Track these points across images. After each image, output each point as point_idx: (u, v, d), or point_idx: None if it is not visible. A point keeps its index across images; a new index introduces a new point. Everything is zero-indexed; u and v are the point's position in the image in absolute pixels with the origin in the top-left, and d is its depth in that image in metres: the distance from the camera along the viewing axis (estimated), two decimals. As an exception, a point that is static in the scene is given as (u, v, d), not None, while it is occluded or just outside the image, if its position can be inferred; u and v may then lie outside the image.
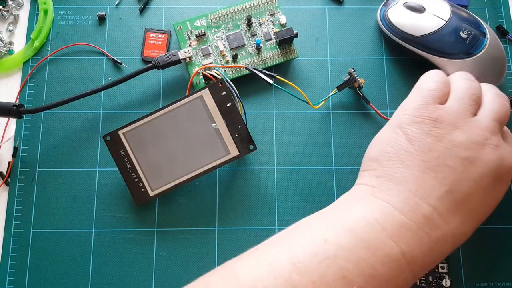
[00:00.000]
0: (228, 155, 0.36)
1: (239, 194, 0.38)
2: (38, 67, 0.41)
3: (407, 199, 0.26)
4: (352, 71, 0.39)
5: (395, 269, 0.24)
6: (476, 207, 0.27)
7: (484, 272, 0.37)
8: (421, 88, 0.31)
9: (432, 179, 0.27)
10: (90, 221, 0.37)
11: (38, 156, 0.39)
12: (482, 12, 0.43)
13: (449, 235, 0.26)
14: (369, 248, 0.24)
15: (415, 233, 0.25)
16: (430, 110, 0.29)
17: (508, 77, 0.42)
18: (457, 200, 0.27)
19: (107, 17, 0.42)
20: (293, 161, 0.39)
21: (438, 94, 0.30)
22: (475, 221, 0.28)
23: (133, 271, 0.36)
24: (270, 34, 0.40)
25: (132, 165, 0.36)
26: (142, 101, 0.40)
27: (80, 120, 0.40)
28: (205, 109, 0.36)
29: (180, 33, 0.40)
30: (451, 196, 0.26)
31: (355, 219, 0.26)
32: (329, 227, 0.26)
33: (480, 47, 0.37)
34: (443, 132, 0.28)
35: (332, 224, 0.26)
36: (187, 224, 0.37)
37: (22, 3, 0.43)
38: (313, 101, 0.38)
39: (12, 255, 0.36)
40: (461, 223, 0.27)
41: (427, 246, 0.25)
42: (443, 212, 0.26)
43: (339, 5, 0.43)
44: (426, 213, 0.26)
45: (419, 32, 0.38)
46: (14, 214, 0.37)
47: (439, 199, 0.26)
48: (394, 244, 0.24)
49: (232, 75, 0.39)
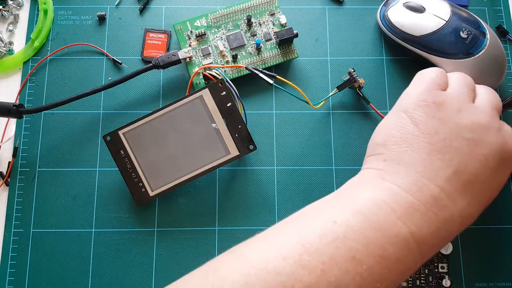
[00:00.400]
0: (228, 155, 0.36)
1: (239, 194, 0.38)
2: (38, 67, 0.41)
3: (415, 181, 0.26)
4: (352, 71, 0.39)
5: (404, 249, 0.24)
6: (482, 188, 0.28)
7: (484, 272, 0.37)
8: (423, 76, 0.32)
9: (439, 161, 0.27)
10: (90, 221, 0.37)
11: (38, 156, 0.39)
12: (482, 12, 0.43)
13: (457, 215, 0.26)
14: (378, 229, 0.24)
15: (423, 213, 0.25)
16: (433, 95, 0.29)
17: (508, 77, 0.42)
18: (464, 181, 0.27)
19: (107, 17, 0.42)
20: (293, 161, 0.39)
21: (439, 81, 0.31)
22: (482, 203, 0.28)
23: (133, 271, 0.36)
24: (270, 34, 0.40)
25: (132, 165, 0.36)
26: (142, 101, 0.40)
27: (80, 120, 0.40)
28: (205, 109, 0.36)
29: (180, 33, 0.40)
30: (458, 177, 0.27)
31: (363, 201, 0.26)
32: (338, 209, 0.26)
33: (480, 47, 0.37)
34: (447, 115, 0.28)
35: (340, 206, 0.26)
36: (187, 224, 0.37)
37: (22, 3, 0.43)
38: (313, 101, 0.38)
39: (12, 255, 0.36)
40: (469, 204, 0.27)
41: (435, 226, 0.25)
42: (451, 193, 0.26)
43: (339, 5, 0.43)
44: (434, 194, 0.26)
45: (419, 32, 0.38)
46: (14, 214, 0.37)
47: (446, 180, 0.26)
48: (403, 225, 0.25)
49: (232, 75, 0.39)
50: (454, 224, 0.26)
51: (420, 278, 0.36)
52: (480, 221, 0.38)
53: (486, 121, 0.29)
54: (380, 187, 0.27)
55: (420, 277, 0.36)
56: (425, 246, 0.25)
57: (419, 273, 0.36)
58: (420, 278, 0.36)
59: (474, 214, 0.28)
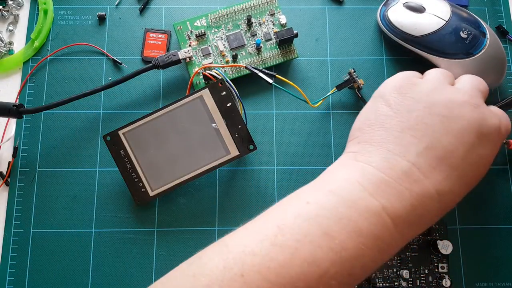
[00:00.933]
0: (228, 155, 0.36)
1: (239, 194, 0.38)
2: (38, 67, 0.41)
3: (386, 158, 0.27)
4: (352, 72, 0.39)
5: (378, 224, 0.25)
6: (461, 164, 0.27)
7: (484, 272, 0.37)
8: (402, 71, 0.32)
9: (411, 137, 0.27)
10: (90, 221, 0.37)
11: (38, 156, 0.39)
12: (482, 12, 0.43)
13: (433, 190, 0.26)
14: (350, 206, 0.25)
15: (395, 188, 0.25)
16: (409, 79, 0.30)
17: (508, 77, 0.42)
18: (438, 155, 0.27)
19: (107, 17, 0.42)
20: (293, 161, 0.39)
21: (417, 74, 0.32)
22: (464, 180, 0.28)
23: (133, 271, 0.36)
24: (270, 34, 0.40)
25: (132, 165, 0.36)
26: (142, 101, 0.40)
27: (80, 120, 0.40)
28: (205, 109, 0.36)
29: (180, 33, 0.40)
30: (431, 151, 0.27)
31: (336, 181, 0.27)
32: (312, 191, 0.27)
33: (480, 47, 0.37)
34: (421, 94, 0.29)
35: (314, 189, 0.27)
36: (187, 224, 0.37)
37: (22, 3, 0.43)
38: (313, 101, 0.38)
39: (12, 255, 0.36)
40: (446, 178, 0.27)
41: (408, 201, 0.25)
42: (423, 167, 0.26)
43: (339, 5, 0.43)
44: (405, 169, 0.26)
45: (419, 32, 0.38)
46: (14, 214, 0.37)
47: (418, 155, 0.27)
48: (374, 200, 0.25)
49: (232, 75, 0.39)
50: (432, 201, 0.26)
51: (420, 278, 0.36)
52: (480, 221, 0.38)
53: (463, 98, 0.29)
54: (353, 168, 0.27)
55: (420, 277, 0.36)
56: (402, 222, 0.25)
57: (419, 273, 0.36)
58: (420, 278, 0.36)
59: (456, 191, 0.27)
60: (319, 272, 0.23)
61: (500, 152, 0.40)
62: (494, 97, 0.41)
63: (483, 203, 0.38)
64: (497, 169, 0.39)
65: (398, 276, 0.36)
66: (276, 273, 0.23)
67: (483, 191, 0.39)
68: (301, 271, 0.23)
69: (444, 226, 0.37)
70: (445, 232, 0.37)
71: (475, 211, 0.38)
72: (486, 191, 0.39)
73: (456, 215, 0.38)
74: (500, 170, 0.39)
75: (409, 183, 0.26)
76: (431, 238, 0.36)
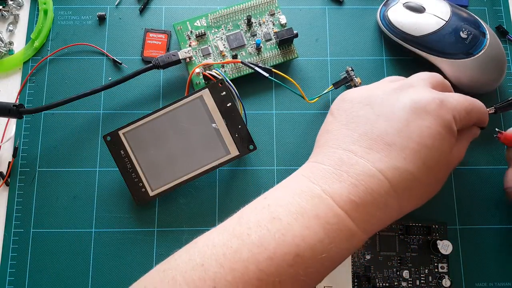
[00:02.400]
0: (228, 155, 0.36)
1: (239, 194, 0.38)
2: (38, 67, 0.41)
3: (327, 153, 0.30)
4: (350, 69, 0.39)
5: (321, 205, 0.26)
6: (398, 139, 0.28)
7: (484, 272, 0.37)
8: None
9: (347, 130, 0.30)
10: (90, 221, 0.37)
11: (38, 156, 0.39)
12: (482, 12, 0.43)
13: (372, 169, 0.27)
14: (295, 194, 0.27)
15: (332, 173, 0.28)
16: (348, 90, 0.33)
17: (508, 77, 0.42)
18: (373, 137, 0.28)
19: (107, 17, 0.42)
20: (293, 161, 0.39)
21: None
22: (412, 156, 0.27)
23: (133, 271, 0.36)
24: (270, 34, 0.40)
25: (132, 165, 0.36)
26: (142, 101, 0.40)
27: (80, 120, 0.40)
28: (205, 109, 0.36)
29: (180, 33, 0.40)
30: (366, 136, 0.29)
31: (289, 179, 0.30)
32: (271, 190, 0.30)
33: (480, 47, 0.37)
34: (354, 95, 0.32)
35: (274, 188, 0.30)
36: (187, 224, 0.37)
37: (22, 3, 0.43)
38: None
39: (12, 255, 0.36)
40: (385, 156, 0.28)
41: (347, 181, 0.27)
42: (359, 152, 0.28)
43: (339, 5, 0.43)
44: (341, 156, 0.28)
45: (419, 32, 0.38)
46: (14, 214, 0.37)
47: (353, 142, 0.29)
48: (315, 186, 0.28)
49: (232, 75, 0.39)
50: (374, 179, 0.27)
51: (420, 278, 0.36)
52: (480, 221, 0.38)
53: (393, 86, 0.31)
54: (304, 167, 0.30)
55: (420, 277, 0.36)
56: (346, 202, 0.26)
57: (419, 273, 0.36)
58: (420, 278, 0.36)
59: (403, 166, 0.27)
60: (268, 253, 0.25)
61: (500, 152, 0.40)
62: (494, 97, 0.41)
63: (483, 203, 0.38)
64: (497, 169, 0.39)
65: (398, 276, 0.36)
66: (229, 259, 0.25)
67: (483, 191, 0.39)
68: (251, 254, 0.25)
69: (444, 226, 0.37)
70: (445, 232, 0.37)
71: (475, 211, 0.38)
72: (486, 191, 0.39)
73: (456, 215, 0.38)
74: (500, 170, 0.39)
75: (346, 166, 0.28)
76: (431, 238, 0.36)
